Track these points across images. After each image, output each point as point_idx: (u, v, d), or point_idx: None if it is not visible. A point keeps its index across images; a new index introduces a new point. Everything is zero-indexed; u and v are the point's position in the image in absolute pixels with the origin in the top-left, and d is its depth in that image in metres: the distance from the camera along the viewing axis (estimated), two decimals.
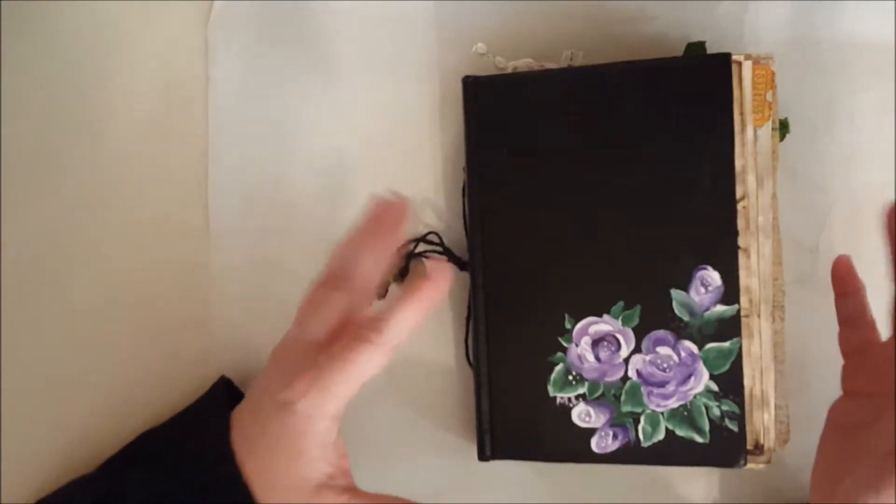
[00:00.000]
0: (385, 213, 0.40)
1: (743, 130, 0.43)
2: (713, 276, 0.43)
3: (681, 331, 0.43)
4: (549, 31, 0.48)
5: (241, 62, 0.49)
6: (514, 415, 0.45)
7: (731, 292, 0.43)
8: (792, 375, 0.45)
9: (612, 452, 0.44)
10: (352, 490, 0.39)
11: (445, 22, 0.49)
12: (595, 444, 0.44)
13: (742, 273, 0.43)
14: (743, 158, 0.43)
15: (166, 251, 0.48)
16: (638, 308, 0.44)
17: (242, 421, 0.40)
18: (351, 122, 0.49)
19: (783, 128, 0.45)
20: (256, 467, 0.38)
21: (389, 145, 0.49)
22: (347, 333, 0.38)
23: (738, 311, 0.43)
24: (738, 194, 0.43)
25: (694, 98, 0.43)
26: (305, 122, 0.49)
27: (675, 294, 0.43)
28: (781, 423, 0.44)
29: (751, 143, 0.43)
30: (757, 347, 0.43)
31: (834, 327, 0.46)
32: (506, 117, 0.45)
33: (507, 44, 0.48)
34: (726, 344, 0.43)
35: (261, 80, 0.49)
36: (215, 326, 0.48)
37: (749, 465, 0.43)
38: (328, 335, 0.39)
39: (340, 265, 0.39)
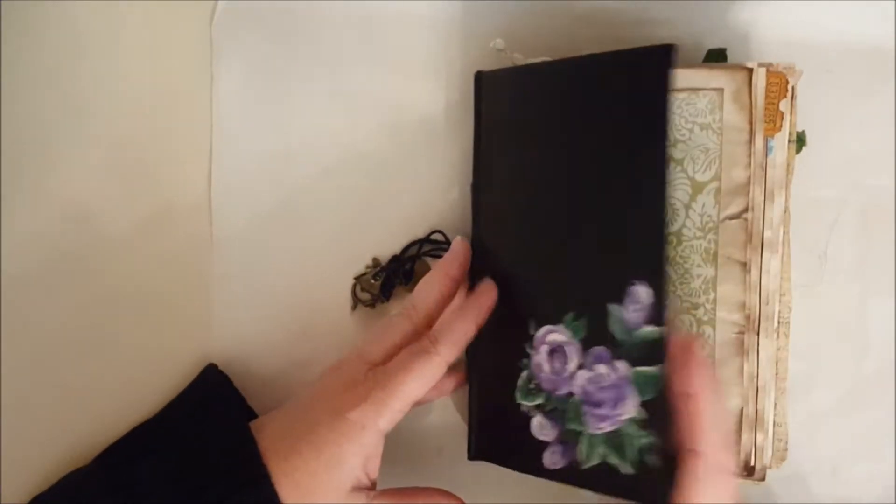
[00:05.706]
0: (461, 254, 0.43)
1: (752, 140, 0.40)
2: (642, 293, 0.38)
3: (616, 349, 0.38)
4: (562, 35, 0.47)
5: (246, 61, 0.48)
6: (489, 417, 0.44)
7: (658, 312, 0.37)
8: (795, 382, 0.44)
9: (559, 470, 0.41)
10: (376, 491, 0.41)
11: (456, 21, 0.48)
12: (546, 459, 0.41)
13: (739, 288, 0.40)
14: (749, 169, 0.40)
15: (168, 250, 0.48)
16: (584, 320, 0.40)
17: (277, 422, 0.41)
18: (357, 122, 0.49)
19: (799, 141, 0.42)
20: (289, 469, 0.39)
21: (397, 145, 0.48)
22: (405, 349, 0.40)
23: (665, 333, 0.37)
24: (741, 206, 0.41)
25: (629, 97, 0.38)
26: (311, 121, 0.49)
27: (612, 308, 0.38)
28: (780, 441, 0.41)
29: (759, 153, 0.41)
30: (752, 366, 0.40)
31: (839, 331, 0.45)
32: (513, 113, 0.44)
33: (521, 46, 0.47)
34: (653, 369, 0.37)
35: (266, 79, 0.48)
36: (217, 326, 0.49)
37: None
38: (386, 357, 0.41)
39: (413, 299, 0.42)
